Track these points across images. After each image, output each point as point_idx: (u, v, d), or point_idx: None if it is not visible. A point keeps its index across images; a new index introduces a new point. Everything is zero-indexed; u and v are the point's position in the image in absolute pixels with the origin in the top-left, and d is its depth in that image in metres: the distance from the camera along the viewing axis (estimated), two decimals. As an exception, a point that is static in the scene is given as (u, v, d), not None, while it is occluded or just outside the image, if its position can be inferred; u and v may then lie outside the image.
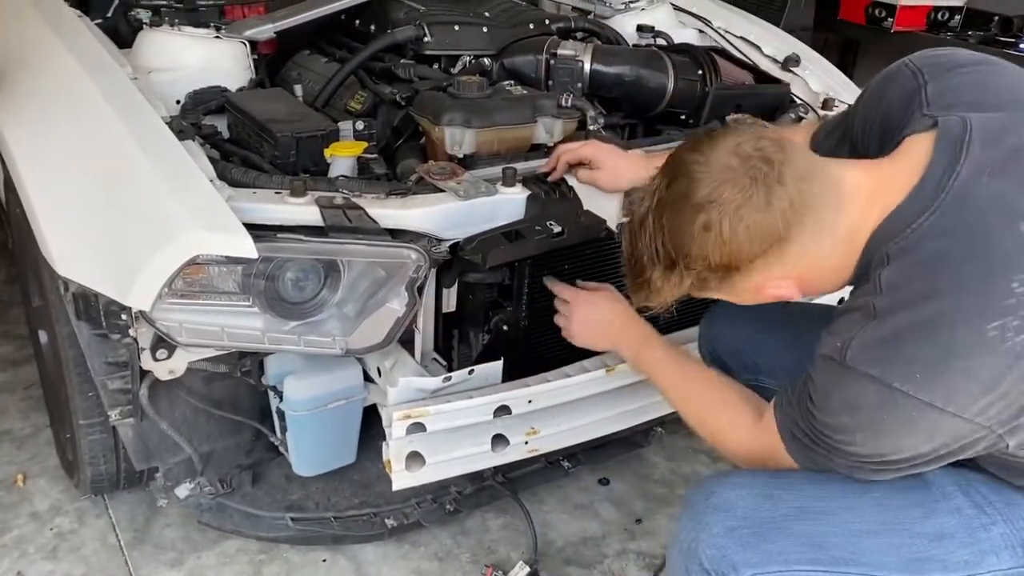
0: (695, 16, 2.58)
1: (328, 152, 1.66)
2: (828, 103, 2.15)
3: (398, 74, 2.05)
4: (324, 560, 1.89)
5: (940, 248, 1.02)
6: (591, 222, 1.61)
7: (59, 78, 1.77)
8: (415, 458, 1.57)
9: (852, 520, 1.15)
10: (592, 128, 1.89)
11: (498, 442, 1.64)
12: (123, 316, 1.40)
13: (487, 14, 2.25)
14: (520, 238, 1.54)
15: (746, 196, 1.04)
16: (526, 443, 1.67)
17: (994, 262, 0.99)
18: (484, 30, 2.16)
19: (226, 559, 1.89)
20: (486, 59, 2.14)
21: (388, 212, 1.48)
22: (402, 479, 1.58)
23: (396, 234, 1.48)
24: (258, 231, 1.36)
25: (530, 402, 1.61)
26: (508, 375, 1.64)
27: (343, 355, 1.52)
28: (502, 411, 1.59)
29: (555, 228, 1.55)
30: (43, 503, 2.02)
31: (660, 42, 2.40)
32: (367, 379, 1.70)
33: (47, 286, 1.65)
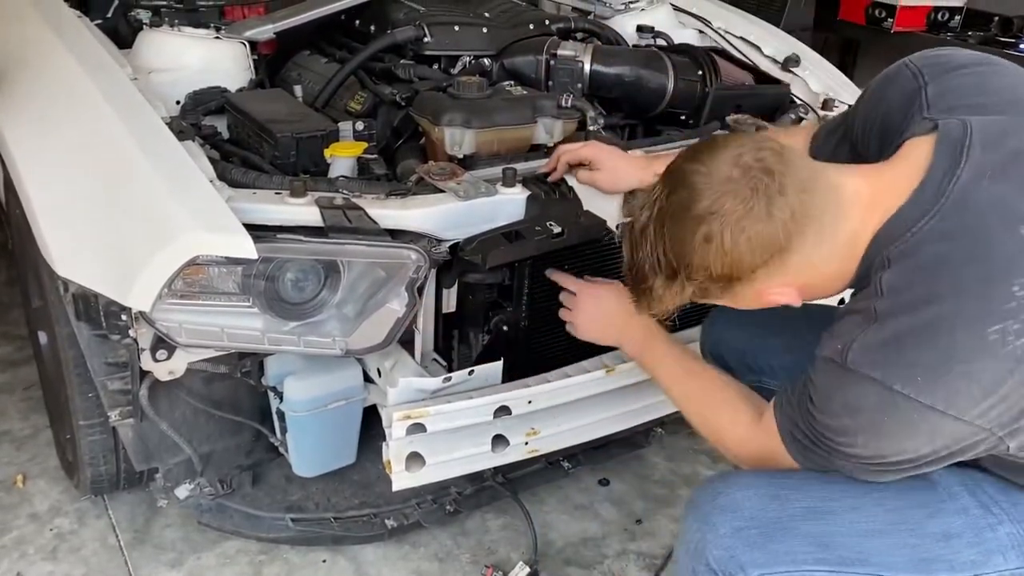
0: (695, 16, 2.58)
1: (328, 152, 1.66)
2: (828, 103, 2.14)
3: (398, 74, 2.05)
4: (324, 561, 1.89)
5: (940, 252, 1.02)
6: (591, 222, 1.61)
7: (59, 79, 1.77)
8: (415, 459, 1.57)
9: (859, 520, 1.15)
10: (592, 129, 1.89)
11: (498, 443, 1.64)
12: (123, 317, 1.40)
13: (487, 15, 2.25)
14: (520, 238, 1.54)
15: (747, 207, 1.04)
16: (526, 444, 1.67)
17: (994, 266, 0.99)
18: (484, 30, 2.16)
19: (226, 560, 1.89)
20: (486, 59, 2.14)
21: (388, 212, 1.48)
22: (402, 480, 1.58)
23: (396, 234, 1.48)
24: (258, 232, 1.36)
25: (530, 403, 1.61)
26: (508, 375, 1.64)
27: (343, 356, 1.52)
28: (502, 412, 1.59)
29: (555, 229, 1.55)
30: (43, 504, 2.02)
31: (660, 42, 2.40)
32: (367, 380, 1.70)
33: (47, 287, 1.65)
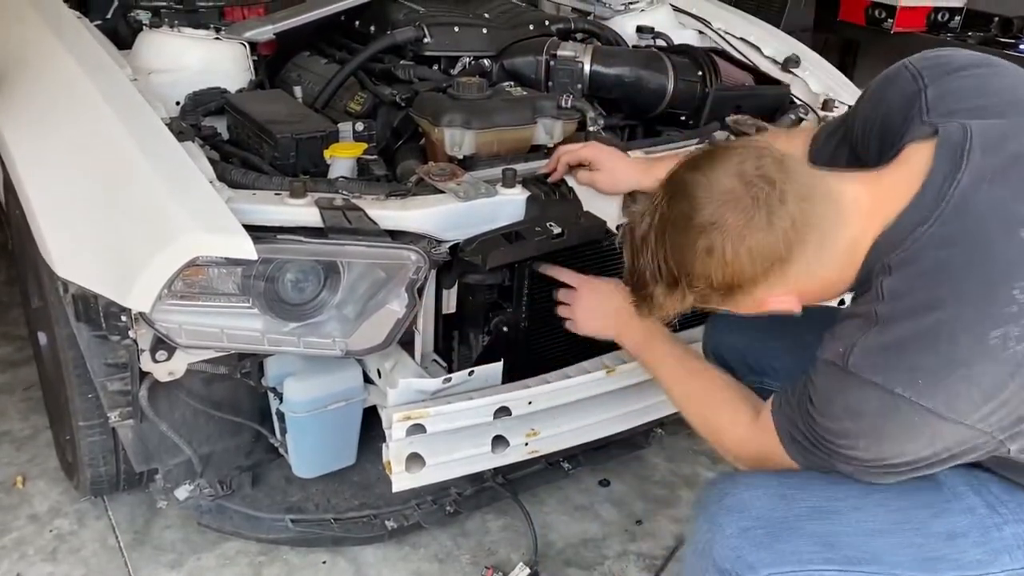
0: (695, 17, 2.58)
1: (328, 153, 1.66)
2: (828, 104, 2.14)
3: (398, 75, 2.05)
4: (324, 562, 1.89)
5: (941, 257, 1.02)
6: (591, 223, 1.61)
7: (59, 79, 1.77)
8: (415, 459, 1.57)
9: (865, 519, 1.15)
10: (592, 129, 1.89)
11: (498, 443, 1.64)
12: (123, 318, 1.40)
13: (487, 15, 2.25)
14: (520, 239, 1.54)
15: (748, 218, 1.04)
16: (526, 444, 1.67)
17: (995, 270, 1.00)
18: (484, 31, 2.16)
19: (226, 561, 1.89)
20: (486, 60, 2.14)
21: (388, 213, 1.48)
22: (402, 480, 1.58)
23: (396, 235, 1.48)
24: (258, 232, 1.36)
25: (530, 403, 1.61)
26: (508, 376, 1.64)
27: (343, 356, 1.52)
28: (502, 412, 1.59)
29: (555, 229, 1.55)
30: (43, 505, 2.02)
31: (660, 43, 2.40)
32: (367, 380, 1.70)
33: (47, 287, 1.65)
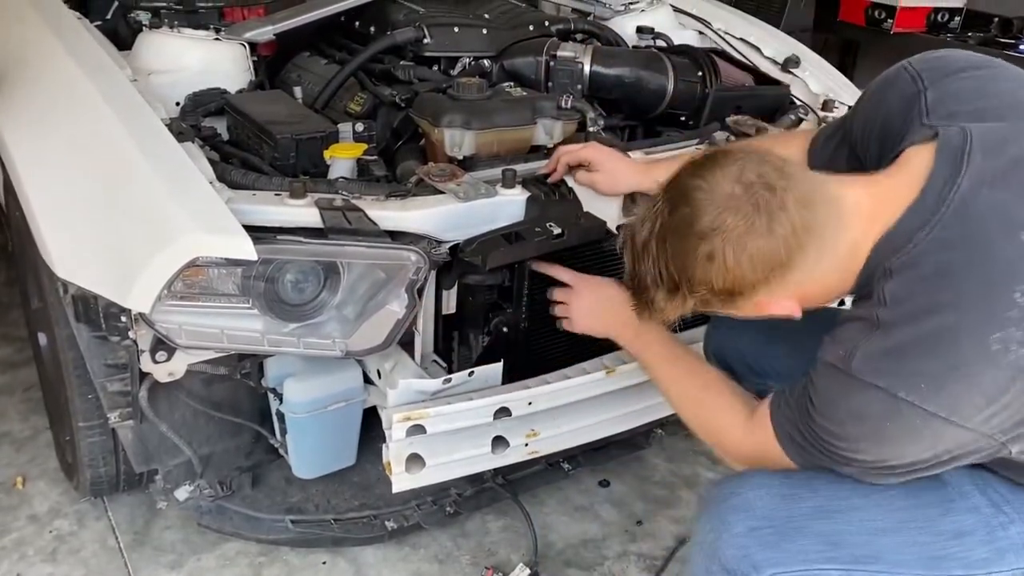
0: (695, 17, 2.58)
1: (328, 154, 1.66)
2: (828, 104, 2.14)
3: (398, 76, 2.05)
4: (324, 562, 1.89)
5: (942, 262, 1.02)
6: (591, 224, 1.61)
7: (59, 80, 1.77)
8: (415, 460, 1.57)
9: (871, 518, 1.15)
10: (592, 130, 1.89)
11: (498, 444, 1.64)
12: (123, 318, 1.39)
13: (487, 16, 2.25)
14: (520, 240, 1.54)
15: (749, 224, 1.04)
16: (526, 445, 1.66)
17: (996, 274, 1.00)
18: (484, 32, 2.16)
19: (226, 561, 1.89)
20: (486, 61, 2.14)
21: (388, 214, 1.48)
22: (402, 481, 1.58)
23: (396, 236, 1.48)
24: (258, 233, 1.36)
25: (530, 404, 1.61)
26: (508, 377, 1.64)
27: (343, 357, 1.52)
28: (502, 413, 1.59)
29: (555, 230, 1.55)
30: (42, 505, 2.02)
31: (660, 44, 2.40)
32: (367, 381, 1.70)
33: (46, 288, 1.65)
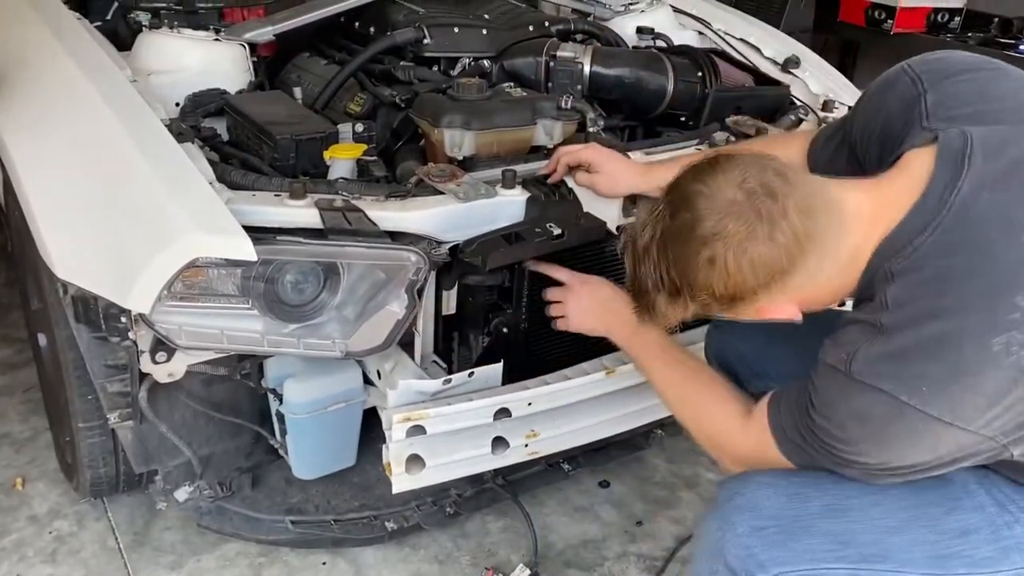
0: (695, 18, 2.58)
1: (327, 154, 1.66)
2: (828, 105, 2.14)
3: (398, 76, 2.05)
4: (324, 563, 1.89)
5: (943, 266, 1.02)
6: (591, 224, 1.61)
7: (58, 81, 1.77)
8: (415, 461, 1.57)
9: (877, 517, 1.15)
10: (592, 130, 1.89)
11: (498, 444, 1.64)
12: (122, 319, 1.39)
13: (486, 16, 2.25)
14: (520, 240, 1.54)
15: (750, 231, 1.04)
16: (526, 445, 1.66)
17: (997, 277, 1.00)
18: (483, 32, 2.16)
19: (226, 562, 1.88)
20: (486, 61, 2.13)
21: (388, 214, 1.48)
22: (402, 482, 1.58)
23: (396, 236, 1.48)
24: (257, 233, 1.36)
25: (530, 404, 1.61)
26: (508, 377, 1.64)
27: (343, 358, 1.52)
28: (502, 414, 1.59)
29: (555, 230, 1.55)
30: (42, 506, 2.02)
31: (660, 44, 2.40)
32: (367, 382, 1.70)
33: (46, 289, 1.65)
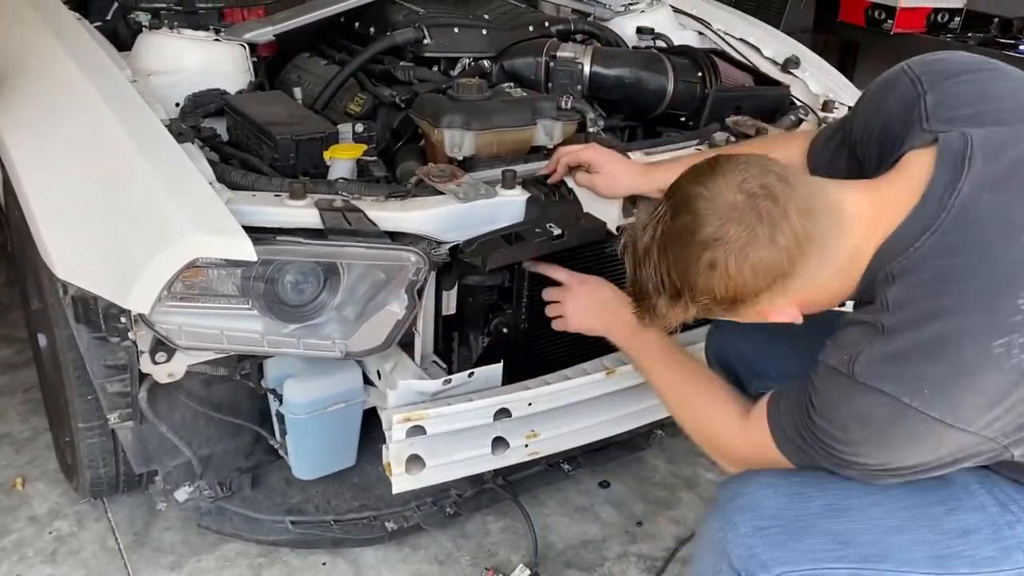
0: (695, 18, 2.58)
1: (327, 155, 1.66)
2: (828, 105, 2.14)
3: (397, 76, 2.05)
4: (324, 563, 1.89)
5: (943, 267, 1.02)
6: (591, 224, 1.61)
7: (58, 81, 1.77)
8: (415, 461, 1.57)
9: (878, 517, 1.16)
10: (592, 130, 1.89)
11: (498, 445, 1.64)
12: (122, 319, 1.39)
13: (486, 16, 2.25)
14: (520, 240, 1.54)
15: (751, 235, 1.04)
16: (526, 446, 1.66)
17: (998, 279, 1.00)
18: (483, 32, 2.16)
19: (225, 562, 1.88)
20: (485, 61, 2.13)
21: (388, 215, 1.48)
22: (402, 482, 1.58)
23: (396, 237, 1.48)
24: (257, 234, 1.36)
25: (530, 405, 1.61)
26: (508, 378, 1.64)
27: (343, 358, 1.52)
28: (502, 414, 1.59)
29: (555, 230, 1.55)
30: (42, 506, 2.02)
31: (660, 44, 2.40)
32: (367, 382, 1.70)
33: (46, 289, 1.65)
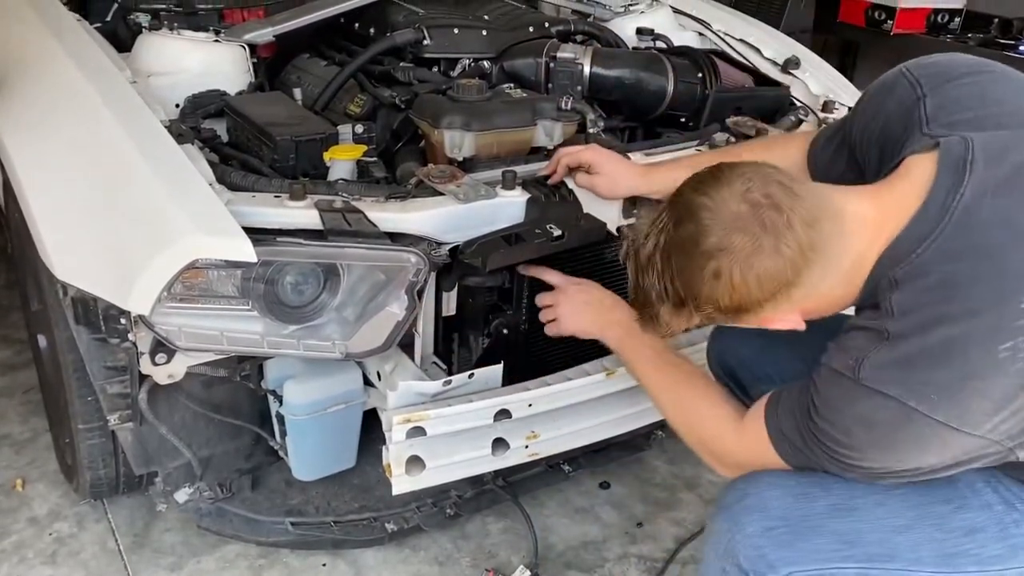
0: (694, 19, 2.58)
1: (327, 156, 1.66)
2: (828, 106, 2.14)
3: (397, 77, 2.05)
4: (324, 564, 1.89)
5: (947, 272, 1.02)
6: (591, 225, 1.61)
7: (58, 82, 1.77)
8: (415, 462, 1.57)
9: (884, 516, 1.16)
10: (592, 131, 1.89)
11: (498, 446, 1.64)
12: (122, 320, 1.40)
13: (486, 17, 2.25)
14: (520, 241, 1.54)
15: (756, 244, 1.04)
16: (526, 447, 1.66)
17: (1003, 283, 1.00)
18: (483, 33, 2.16)
19: (226, 564, 1.88)
20: (485, 62, 2.13)
21: (388, 215, 1.48)
22: (402, 483, 1.58)
23: (396, 238, 1.47)
24: (257, 235, 1.36)
25: (530, 406, 1.61)
26: (508, 379, 1.64)
27: (343, 359, 1.52)
28: (502, 415, 1.59)
29: (555, 231, 1.54)
30: (42, 508, 2.02)
31: (660, 45, 2.40)
32: (367, 383, 1.70)
33: (46, 290, 1.65)
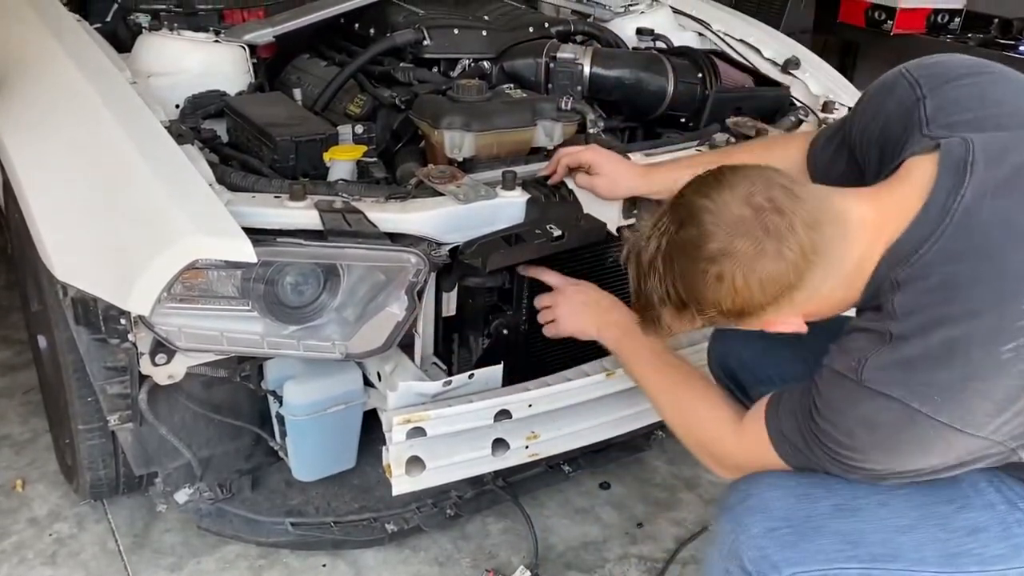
0: (694, 19, 2.58)
1: (327, 156, 1.66)
2: (828, 106, 2.14)
3: (397, 78, 2.05)
4: (324, 565, 1.89)
5: (949, 273, 1.02)
6: (591, 226, 1.61)
7: (58, 83, 1.77)
8: (415, 462, 1.57)
9: (887, 516, 1.16)
10: (592, 131, 1.89)
11: (498, 446, 1.63)
12: (122, 321, 1.40)
13: (486, 17, 2.25)
14: (520, 242, 1.54)
15: (758, 248, 1.04)
16: (526, 447, 1.66)
17: (1004, 284, 1.00)
18: (483, 34, 2.16)
19: (226, 564, 1.88)
20: (485, 62, 2.13)
21: (388, 216, 1.48)
22: (402, 484, 1.58)
23: (396, 238, 1.48)
24: (257, 235, 1.36)
25: (530, 406, 1.61)
26: (508, 379, 1.64)
27: (343, 359, 1.52)
28: (502, 415, 1.59)
29: (555, 232, 1.54)
30: (42, 508, 2.02)
31: (660, 45, 2.40)
32: (367, 383, 1.70)
33: (46, 291, 1.65)
